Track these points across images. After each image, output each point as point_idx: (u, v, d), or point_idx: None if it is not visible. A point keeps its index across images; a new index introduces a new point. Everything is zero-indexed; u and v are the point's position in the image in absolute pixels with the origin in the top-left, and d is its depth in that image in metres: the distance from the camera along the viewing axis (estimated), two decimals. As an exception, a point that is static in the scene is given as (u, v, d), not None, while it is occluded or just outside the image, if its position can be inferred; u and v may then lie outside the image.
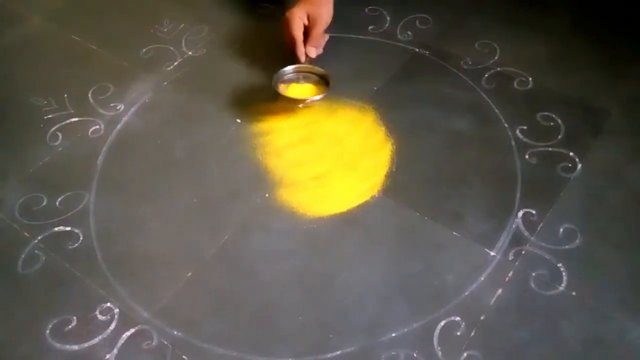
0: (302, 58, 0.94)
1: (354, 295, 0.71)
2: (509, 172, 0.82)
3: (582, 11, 1.06)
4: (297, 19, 0.94)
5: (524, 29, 1.03)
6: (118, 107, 0.95)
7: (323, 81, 0.93)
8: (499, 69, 0.97)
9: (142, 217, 0.80)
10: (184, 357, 0.67)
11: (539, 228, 0.76)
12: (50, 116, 0.94)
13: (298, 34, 0.94)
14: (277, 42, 1.03)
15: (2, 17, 1.15)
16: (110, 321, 0.70)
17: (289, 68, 0.94)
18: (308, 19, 0.95)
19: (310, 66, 0.94)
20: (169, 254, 0.76)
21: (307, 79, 0.94)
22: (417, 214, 0.78)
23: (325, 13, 0.95)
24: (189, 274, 0.74)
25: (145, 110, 0.95)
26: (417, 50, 1.01)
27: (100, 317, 0.71)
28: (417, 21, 1.07)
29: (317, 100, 0.89)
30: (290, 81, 0.94)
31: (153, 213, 0.81)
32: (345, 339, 0.68)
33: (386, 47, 1.02)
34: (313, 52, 0.95)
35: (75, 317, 0.71)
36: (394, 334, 0.68)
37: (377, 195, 0.81)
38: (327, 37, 0.99)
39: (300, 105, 0.90)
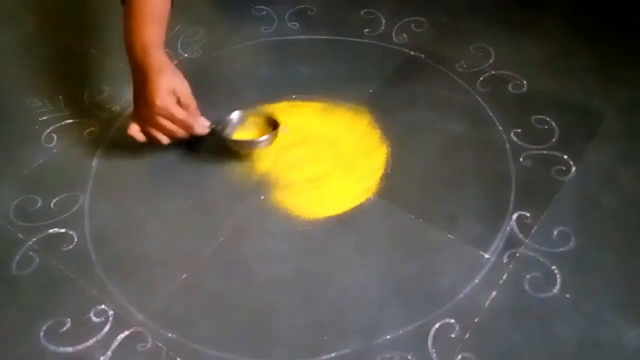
0: (205, 130, 0.83)
1: (349, 297, 0.71)
2: (504, 174, 0.82)
3: (577, 14, 1.07)
4: (177, 108, 0.79)
5: (519, 32, 1.04)
6: (113, 109, 0.95)
7: (271, 123, 0.86)
8: (493, 72, 0.97)
9: (137, 219, 0.80)
10: (178, 359, 0.67)
11: (533, 231, 0.76)
12: (45, 117, 0.94)
13: (190, 120, 0.80)
14: (275, 43, 1.04)
15: (-2, 17, 1.16)
16: (105, 323, 0.70)
17: (235, 114, 0.87)
18: (178, 94, 0.79)
19: (255, 110, 0.88)
20: (163, 256, 0.76)
21: (253, 124, 0.87)
22: (412, 216, 0.79)
23: (185, 81, 0.80)
24: (184, 276, 0.74)
25: (140, 112, 0.95)
26: (412, 53, 1.01)
27: (94, 319, 0.70)
28: (412, 24, 1.07)
29: (265, 141, 0.83)
30: (235, 126, 0.87)
31: (148, 215, 0.81)
32: (340, 341, 0.67)
33: (381, 50, 1.02)
34: (206, 122, 0.83)
35: (69, 319, 0.70)
36: (388, 336, 0.68)
37: (372, 198, 0.81)
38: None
39: (254, 147, 0.85)
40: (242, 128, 0.87)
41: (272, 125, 0.85)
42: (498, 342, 0.67)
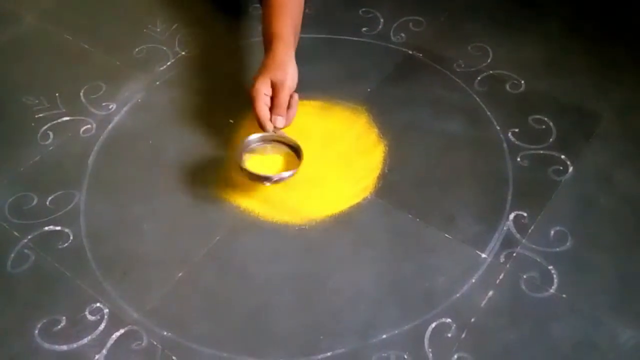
0: (269, 129, 0.82)
1: (346, 296, 0.71)
2: (501, 174, 0.82)
3: (575, 15, 1.07)
4: (262, 96, 0.82)
5: (517, 32, 1.04)
6: (110, 107, 0.95)
7: (294, 152, 0.82)
8: (491, 71, 0.97)
9: (132, 217, 0.80)
10: (173, 357, 0.67)
11: (530, 230, 0.76)
12: (41, 115, 0.94)
13: (263, 112, 0.82)
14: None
15: (-5, 15, 1.15)
16: (100, 321, 0.70)
17: (255, 137, 0.82)
18: (272, 87, 0.83)
19: (279, 135, 0.82)
20: (159, 254, 0.76)
21: (274, 150, 0.83)
22: (409, 215, 0.78)
23: (288, 78, 0.83)
24: (180, 275, 0.74)
25: (137, 110, 0.95)
26: (410, 52, 1.01)
27: (89, 317, 0.70)
28: (410, 23, 1.07)
29: (286, 178, 0.78)
30: (254, 151, 0.82)
31: (144, 213, 0.80)
32: (336, 341, 0.67)
33: (379, 49, 1.02)
34: (279, 122, 0.82)
35: (64, 317, 0.70)
36: (384, 336, 0.68)
37: (369, 197, 0.81)
38: (296, 98, 0.85)
39: (267, 184, 0.80)
40: (260, 152, 0.83)
41: (297, 153, 0.81)
42: (494, 342, 0.67)
